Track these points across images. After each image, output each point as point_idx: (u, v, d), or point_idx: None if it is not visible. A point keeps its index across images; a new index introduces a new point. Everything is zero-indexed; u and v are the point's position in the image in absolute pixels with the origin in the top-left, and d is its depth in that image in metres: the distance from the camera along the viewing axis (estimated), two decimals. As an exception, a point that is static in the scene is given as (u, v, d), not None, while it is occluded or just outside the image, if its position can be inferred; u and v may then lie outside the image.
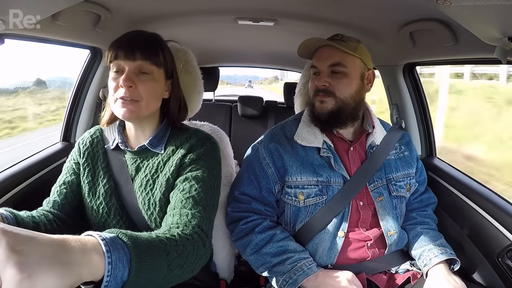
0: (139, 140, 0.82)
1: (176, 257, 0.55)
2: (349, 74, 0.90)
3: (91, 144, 0.85)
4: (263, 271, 0.90)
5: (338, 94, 0.90)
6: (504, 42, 0.68)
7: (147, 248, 0.49)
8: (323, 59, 0.91)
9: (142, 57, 0.72)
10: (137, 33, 0.77)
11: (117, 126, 0.84)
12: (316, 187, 0.90)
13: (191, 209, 0.68)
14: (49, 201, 0.81)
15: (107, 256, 0.42)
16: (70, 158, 0.85)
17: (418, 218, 1.00)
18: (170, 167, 0.78)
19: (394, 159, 0.98)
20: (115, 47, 0.73)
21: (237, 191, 0.96)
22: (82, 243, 0.40)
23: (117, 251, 0.43)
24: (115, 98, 0.73)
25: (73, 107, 1.35)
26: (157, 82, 0.76)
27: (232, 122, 2.59)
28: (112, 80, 0.74)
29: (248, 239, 0.91)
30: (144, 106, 0.74)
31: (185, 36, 1.60)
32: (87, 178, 0.81)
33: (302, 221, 0.92)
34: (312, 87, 0.94)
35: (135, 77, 0.72)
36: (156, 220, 0.77)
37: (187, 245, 0.59)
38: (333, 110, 0.90)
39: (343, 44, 0.89)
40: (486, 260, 0.98)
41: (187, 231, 0.63)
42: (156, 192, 0.77)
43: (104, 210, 0.79)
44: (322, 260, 0.89)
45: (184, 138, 0.81)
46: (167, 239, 0.55)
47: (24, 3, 0.63)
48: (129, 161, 0.81)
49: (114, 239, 0.45)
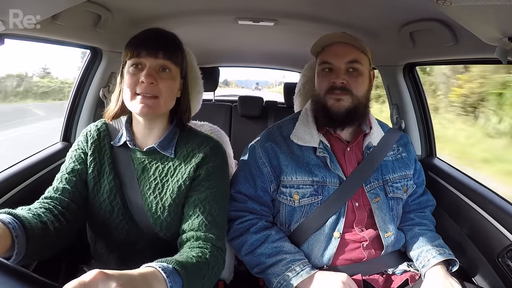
0: (147, 139, 0.81)
1: (208, 279, 0.65)
2: (363, 72, 0.90)
3: (99, 138, 0.82)
4: (258, 272, 0.89)
5: (355, 92, 0.88)
6: (504, 42, 0.68)
7: (193, 276, 0.58)
8: (339, 55, 0.89)
9: (165, 55, 0.74)
10: (159, 32, 0.78)
11: (124, 123, 0.82)
12: (311, 187, 0.90)
13: (214, 233, 0.73)
14: (57, 189, 0.76)
15: (169, 286, 0.52)
16: (77, 147, 0.82)
17: (416, 220, 1.00)
18: (182, 174, 0.78)
19: (391, 160, 0.97)
20: (137, 44, 0.74)
21: (233, 189, 0.95)
22: (151, 276, 0.51)
23: (176, 284, 0.53)
24: (132, 93, 0.74)
25: (73, 107, 1.35)
26: (175, 81, 0.78)
27: (232, 122, 2.59)
28: (131, 76, 0.74)
29: (243, 239, 0.90)
30: (162, 102, 0.75)
31: (185, 36, 1.59)
32: (93, 173, 0.79)
33: (297, 221, 0.91)
34: (324, 84, 0.90)
35: (155, 74, 0.74)
36: (162, 224, 0.77)
37: (215, 266, 0.68)
38: (350, 108, 0.88)
39: (359, 42, 0.89)
40: (486, 260, 0.98)
41: (215, 253, 0.70)
42: (166, 197, 0.77)
43: (107, 208, 0.78)
44: (317, 261, 0.89)
45: (196, 144, 0.81)
46: (203, 263, 0.64)
47: (24, 3, 0.63)
48: (135, 160, 0.80)
49: (172, 270, 0.54)
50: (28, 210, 0.66)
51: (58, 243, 0.68)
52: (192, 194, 0.77)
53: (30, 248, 0.59)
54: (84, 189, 0.79)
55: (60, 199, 0.74)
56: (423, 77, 3.44)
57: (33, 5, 0.66)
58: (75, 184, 0.78)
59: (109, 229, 0.79)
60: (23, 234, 0.59)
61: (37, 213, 0.66)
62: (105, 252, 0.84)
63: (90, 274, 0.41)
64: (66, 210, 0.73)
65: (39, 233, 0.62)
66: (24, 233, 0.59)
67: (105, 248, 0.84)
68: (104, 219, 0.79)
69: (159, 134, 0.81)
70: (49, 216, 0.68)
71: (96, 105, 1.38)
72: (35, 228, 0.62)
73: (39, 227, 0.63)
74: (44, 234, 0.64)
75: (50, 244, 0.66)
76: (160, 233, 0.78)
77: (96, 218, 0.79)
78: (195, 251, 0.66)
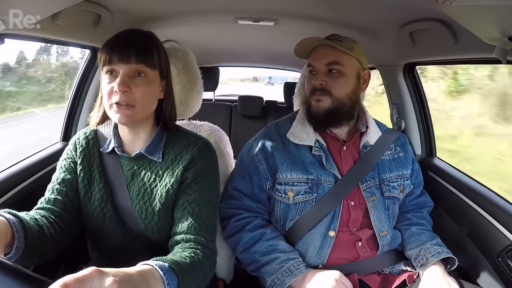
0: (134, 144, 0.80)
1: (201, 279, 0.65)
2: (346, 73, 0.90)
3: (87, 146, 0.81)
4: (252, 270, 0.90)
5: (335, 93, 0.90)
6: (504, 42, 0.68)
7: (187, 275, 0.58)
8: (319, 58, 0.91)
9: (137, 60, 0.70)
10: (131, 33, 0.73)
11: (112, 129, 0.81)
12: (306, 185, 0.90)
13: (205, 236, 0.73)
14: (49, 200, 0.76)
15: (166, 284, 0.52)
16: (66, 157, 0.82)
17: (414, 219, 1.00)
18: (170, 178, 0.77)
19: (388, 160, 0.98)
20: (109, 49, 0.70)
21: (230, 186, 0.97)
22: (148, 274, 0.51)
23: (172, 282, 0.53)
24: (110, 103, 0.71)
25: (73, 107, 1.35)
26: (152, 85, 0.73)
27: (232, 121, 2.59)
28: (106, 84, 0.71)
29: (239, 237, 0.91)
30: (139, 110, 0.72)
31: (185, 36, 1.60)
32: (83, 182, 0.79)
33: (292, 219, 0.92)
34: (308, 86, 0.94)
35: (129, 80, 0.70)
36: (154, 229, 0.77)
37: (207, 266, 0.68)
38: (330, 109, 0.90)
39: (340, 44, 0.89)
40: (486, 260, 0.98)
41: (206, 254, 0.69)
42: (155, 202, 0.77)
43: (99, 216, 0.78)
44: (312, 260, 0.89)
45: (183, 146, 0.79)
46: (195, 263, 0.64)
47: (24, 3, 0.63)
48: (125, 167, 0.79)
49: (168, 268, 0.55)
50: (26, 214, 0.67)
51: (54, 247, 0.70)
52: (180, 197, 0.76)
53: (28, 247, 0.60)
54: (75, 198, 0.79)
55: (52, 209, 0.75)
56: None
57: (33, 5, 0.66)
58: (66, 194, 0.77)
59: (102, 235, 0.79)
60: (22, 231, 0.60)
61: (34, 217, 0.67)
62: (101, 255, 0.85)
63: (85, 270, 0.41)
64: (59, 219, 0.74)
65: (36, 235, 0.63)
66: (23, 230, 0.60)
67: (101, 251, 0.84)
68: (97, 225, 0.79)
69: (146, 138, 0.79)
70: (45, 222, 0.69)
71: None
72: (33, 229, 0.63)
73: (36, 229, 0.64)
74: (41, 236, 0.65)
75: (46, 247, 0.66)
76: (152, 237, 0.78)
77: (90, 225, 0.79)
78: (187, 251, 0.66)
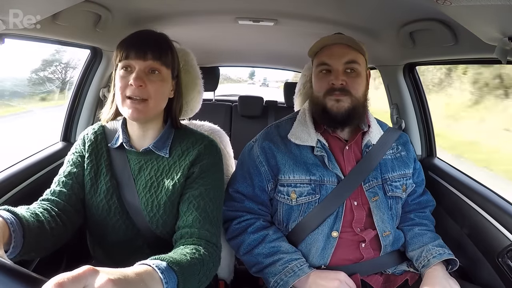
0: (143, 140, 0.82)
1: (203, 275, 0.65)
2: (361, 72, 0.90)
3: (96, 140, 0.83)
4: (255, 271, 0.90)
5: (354, 92, 0.89)
6: (504, 42, 0.67)
7: (187, 272, 0.58)
8: (337, 56, 0.89)
9: (153, 57, 0.73)
10: (148, 33, 0.77)
11: (120, 124, 0.83)
12: (308, 186, 0.90)
13: (209, 230, 0.74)
14: (54, 191, 0.77)
15: (164, 282, 0.52)
16: (74, 151, 0.84)
17: (416, 220, 0.99)
18: (177, 172, 0.79)
19: (390, 159, 0.97)
20: (126, 46, 0.74)
21: (231, 188, 0.96)
22: (145, 273, 0.51)
23: (171, 281, 0.53)
24: (123, 96, 0.74)
25: (73, 107, 1.35)
26: (165, 82, 0.77)
27: (232, 121, 2.59)
28: (121, 79, 0.74)
29: (241, 239, 0.91)
30: (152, 105, 0.75)
31: (185, 36, 1.60)
32: (90, 175, 0.81)
33: (295, 220, 0.91)
34: (323, 85, 0.90)
35: (145, 76, 0.73)
36: (158, 222, 0.78)
37: (209, 263, 0.68)
38: (349, 109, 0.89)
39: (356, 43, 0.89)
40: (486, 260, 0.98)
41: (209, 250, 0.70)
42: (161, 195, 0.78)
43: (104, 208, 0.79)
44: (315, 261, 0.89)
45: (190, 143, 0.82)
46: (197, 259, 0.64)
47: (24, 3, 0.63)
48: (132, 161, 0.81)
49: (166, 267, 0.54)
50: (27, 209, 0.68)
51: (54, 242, 0.70)
52: (186, 191, 0.78)
53: (26, 244, 0.60)
54: (80, 192, 0.80)
55: (56, 201, 0.76)
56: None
57: (33, 5, 0.66)
58: (71, 187, 0.79)
59: (107, 228, 0.80)
60: (20, 230, 0.60)
61: (35, 212, 0.68)
62: (104, 251, 0.85)
63: (79, 269, 0.41)
64: (62, 212, 0.75)
65: (35, 231, 0.64)
66: (21, 229, 0.60)
67: (104, 247, 0.85)
68: (101, 218, 0.80)
69: (154, 135, 0.82)
70: (46, 216, 0.69)
71: (96, 105, 1.39)
72: (31, 226, 0.63)
73: (36, 226, 0.65)
74: (40, 232, 0.65)
75: (46, 242, 0.67)
76: (156, 231, 0.79)
77: (94, 218, 0.80)
78: (189, 247, 0.66)
